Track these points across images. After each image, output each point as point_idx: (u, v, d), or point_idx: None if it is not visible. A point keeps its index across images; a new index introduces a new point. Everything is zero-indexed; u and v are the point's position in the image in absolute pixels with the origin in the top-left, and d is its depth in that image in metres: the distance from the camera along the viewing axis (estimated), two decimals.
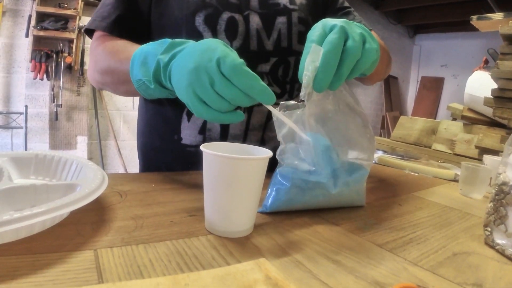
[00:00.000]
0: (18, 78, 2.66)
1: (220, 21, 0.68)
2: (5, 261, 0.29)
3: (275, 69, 0.72)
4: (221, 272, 0.30)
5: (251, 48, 0.70)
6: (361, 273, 0.34)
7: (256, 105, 0.70)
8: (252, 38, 0.70)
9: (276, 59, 0.72)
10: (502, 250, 0.42)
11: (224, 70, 0.40)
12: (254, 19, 0.70)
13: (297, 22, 0.73)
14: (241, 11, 0.70)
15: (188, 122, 0.72)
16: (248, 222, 0.41)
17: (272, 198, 0.48)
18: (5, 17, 2.54)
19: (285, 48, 0.73)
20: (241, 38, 0.69)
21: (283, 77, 0.74)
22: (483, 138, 1.32)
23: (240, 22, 0.69)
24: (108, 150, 3.13)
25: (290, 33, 0.73)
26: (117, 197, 0.49)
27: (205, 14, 0.67)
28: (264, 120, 0.73)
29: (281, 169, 0.48)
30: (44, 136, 2.80)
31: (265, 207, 0.48)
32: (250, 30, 0.70)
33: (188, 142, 0.73)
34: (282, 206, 0.48)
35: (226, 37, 0.68)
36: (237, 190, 0.38)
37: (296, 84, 0.76)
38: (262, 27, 0.71)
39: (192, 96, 0.42)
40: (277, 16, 0.72)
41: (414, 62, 5.85)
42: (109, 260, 0.31)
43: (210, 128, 0.71)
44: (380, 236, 0.44)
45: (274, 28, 0.72)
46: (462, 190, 0.74)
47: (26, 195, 0.39)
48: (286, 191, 0.47)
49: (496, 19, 1.51)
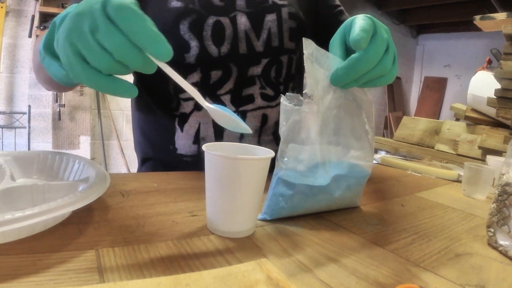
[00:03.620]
0: (21, 78, 2.67)
1: (205, 26, 0.64)
2: (6, 260, 0.29)
3: (267, 71, 0.69)
4: (223, 272, 0.30)
5: (241, 51, 0.67)
6: (363, 273, 0.33)
7: (249, 110, 0.68)
8: (240, 41, 0.67)
9: (267, 60, 0.69)
10: (505, 251, 0.42)
11: (110, 11, 0.32)
12: (241, 20, 0.67)
13: (287, 18, 0.70)
14: (227, 13, 0.66)
15: (182, 132, 0.70)
16: (250, 222, 0.41)
17: (274, 205, 0.45)
18: (8, 17, 2.55)
19: (277, 48, 0.69)
20: (229, 42, 0.66)
21: (276, 78, 0.71)
22: (486, 138, 1.32)
23: (226, 25, 0.66)
24: (111, 150, 3.14)
25: (281, 30, 0.69)
26: (119, 196, 0.49)
27: (189, 21, 0.64)
28: (259, 125, 0.70)
29: (283, 173, 0.44)
30: (47, 136, 2.81)
31: (266, 215, 0.45)
32: (238, 32, 0.66)
33: (184, 152, 0.71)
34: (283, 213, 0.46)
35: (213, 43, 0.65)
36: (238, 190, 0.38)
37: (290, 83, 0.74)
38: (251, 27, 0.67)
39: (68, 49, 0.33)
40: (266, 14, 0.68)
41: (417, 62, 5.83)
42: (110, 259, 0.31)
43: (204, 137, 0.69)
44: (382, 237, 0.44)
45: (264, 27, 0.68)
46: (465, 191, 0.73)
47: (29, 194, 0.40)
48: (289, 199, 0.45)
49: (499, 19, 1.50)
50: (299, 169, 0.45)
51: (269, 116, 0.70)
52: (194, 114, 0.68)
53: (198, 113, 0.68)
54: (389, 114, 5.18)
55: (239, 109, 0.68)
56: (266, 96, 0.69)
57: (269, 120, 0.71)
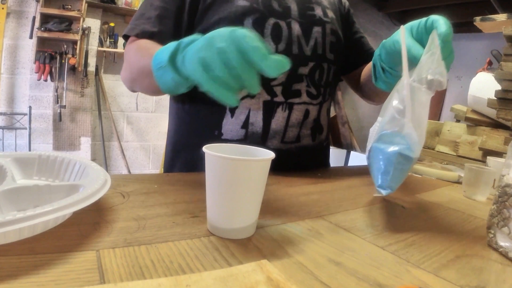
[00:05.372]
0: (22, 79, 2.68)
1: (266, 25, 0.73)
2: (7, 261, 0.29)
3: (313, 73, 0.78)
4: (223, 274, 0.30)
5: (293, 52, 0.75)
6: (363, 275, 0.34)
7: (296, 103, 0.76)
8: (294, 43, 0.76)
9: (313, 64, 0.78)
10: (506, 253, 0.42)
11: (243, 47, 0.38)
12: (295, 27, 0.76)
13: (329, 33, 0.81)
14: (284, 18, 0.76)
15: (232, 118, 0.75)
16: (250, 224, 0.41)
17: (397, 178, 0.48)
18: (9, 18, 2.56)
19: (320, 55, 0.79)
20: (285, 42, 0.75)
21: (319, 81, 0.80)
22: (487, 139, 1.32)
23: (283, 28, 0.75)
24: (111, 151, 3.14)
25: (324, 42, 0.80)
26: (119, 198, 0.49)
27: (253, 18, 0.72)
28: (301, 117, 0.78)
29: (402, 148, 0.47)
30: (48, 137, 2.82)
31: (390, 188, 0.48)
32: (292, 36, 0.75)
33: (229, 137, 0.75)
34: (398, 184, 0.49)
35: (271, 40, 0.73)
36: (238, 191, 0.38)
37: (328, 88, 0.83)
38: (302, 34, 0.77)
39: (197, 62, 0.41)
40: (313, 26, 0.79)
41: None
42: (111, 260, 0.31)
43: (253, 122, 0.75)
44: (382, 238, 0.44)
45: (312, 36, 0.78)
46: (465, 192, 0.73)
47: (29, 195, 0.40)
48: (406, 170, 0.48)
49: (499, 20, 1.50)
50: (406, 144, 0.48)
51: (311, 112, 0.79)
52: (246, 100, 0.74)
53: (250, 100, 0.74)
54: None
55: (288, 101, 0.76)
56: (310, 94, 0.78)
57: (310, 115, 0.80)
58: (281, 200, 0.56)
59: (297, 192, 0.62)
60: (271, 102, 0.75)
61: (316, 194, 0.62)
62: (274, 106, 0.75)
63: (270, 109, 0.75)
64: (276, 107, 0.75)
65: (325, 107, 0.84)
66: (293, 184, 0.67)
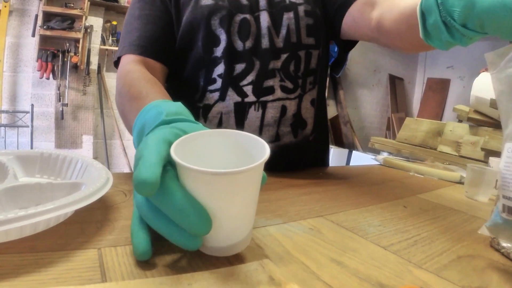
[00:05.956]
0: (24, 77, 2.69)
1: (233, 23, 0.71)
2: (9, 259, 0.29)
3: (287, 65, 0.74)
4: (225, 273, 0.30)
5: (263, 46, 0.73)
6: (365, 274, 0.33)
7: (270, 101, 0.73)
8: (263, 37, 0.73)
9: (287, 55, 0.74)
10: (508, 253, 0.41)
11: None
12: (264, 18, 0.73)
13: (304, 16, 0.75)
14: (252, 12, 0.73)
15: (205, 122, 0.74)
16: (240, 240, 0.33)
17: None
18: (12, 16, 2.56)
19: (295, 43, 0.75)
20: (253, 38, 0.72)
21: (295, 72, 0.75)
22: (489, 140, 1.31)
23: (251, 23, 0.73)
24: (113, 150, 3.15)
25: (298, 27, 0.75)
26: (121, 196, 0.49)
27: (220, 16, 0.71)
28: (278, 115, 0.74)
29: None
30: (50, 135, 2.83)
31: None
32: (261, 29, 0.73)
33: None
34: None
35: (239, 38, 0.72)
36: (223, 208, 0.30)
37: (309, 78, 0.77)
38: (272, 25, 0.73)
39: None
40: (284, 12, 0.74)
41: (420, 63, 5.81)
42: (112, 259, 0.31)
43: (226, 126, 0.73)
44: (384, 238, 0.44)
45: (282, 24, 0.74)
46: (467, 193, 0.73)
47: (31, 193, 0.40)
48: None
49: None
50: None
51: (288, 108, 0.74)
52: (217, 105, 0.73)
53: (221, 103, 0.73)
54: (392, 115, 5.17)
55: (260, 99, 0.72)
56: (285, 89, 0.74)
57: (288, 111, 0.75)
58: (283, 199, 0.56)
59: (298, 191, 0.62)
60: (242, 103, 0.72)
61: (317, 193, 0.62)
62: (246, 107, 0.72)
63: (242, 111, 0.72)
64: (248, 108, 0.72)
65: (307, 99, 0.77)
66: (294, 183, 0.67)
